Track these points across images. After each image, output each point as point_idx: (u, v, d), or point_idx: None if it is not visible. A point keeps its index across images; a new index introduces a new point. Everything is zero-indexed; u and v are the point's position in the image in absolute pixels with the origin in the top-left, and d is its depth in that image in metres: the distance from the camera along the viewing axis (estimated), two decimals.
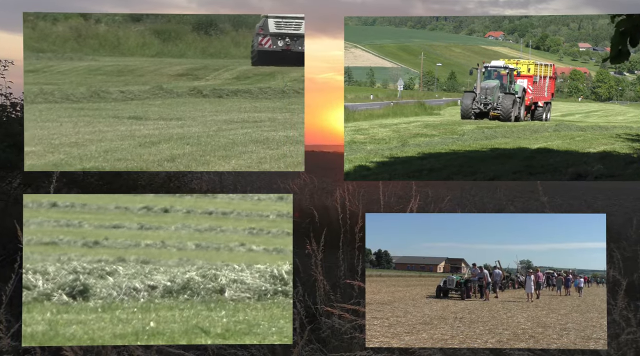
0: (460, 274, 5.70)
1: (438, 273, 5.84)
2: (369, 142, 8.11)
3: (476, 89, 12.53)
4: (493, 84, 12.72)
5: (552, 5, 72.57)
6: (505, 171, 7.05)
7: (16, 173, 9.62)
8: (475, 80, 13.14)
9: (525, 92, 12.72)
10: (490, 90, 12.51)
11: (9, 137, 9.31)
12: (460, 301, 5.69)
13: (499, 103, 12.31)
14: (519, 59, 13.31)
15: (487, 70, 13.45)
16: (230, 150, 6.57)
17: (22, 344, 4.60)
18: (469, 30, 17.08)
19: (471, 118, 12.02)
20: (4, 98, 10.24)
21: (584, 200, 18.42)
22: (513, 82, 12.92)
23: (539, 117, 12.68)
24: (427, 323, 5.02)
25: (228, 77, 10.61)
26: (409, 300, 5.75)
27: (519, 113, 12.46)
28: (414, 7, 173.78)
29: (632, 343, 4.87)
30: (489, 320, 5.10)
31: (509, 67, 13.10)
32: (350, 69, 14.48)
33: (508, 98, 12.32)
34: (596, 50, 14.98)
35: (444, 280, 5.84)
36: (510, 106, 12.21)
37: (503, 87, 12.87)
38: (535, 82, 12.93)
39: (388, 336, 4.74)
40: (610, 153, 7.74)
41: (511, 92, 12.59)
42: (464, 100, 12.50)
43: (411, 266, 5.91)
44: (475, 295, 5.68)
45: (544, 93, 12.97)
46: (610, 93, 13.40)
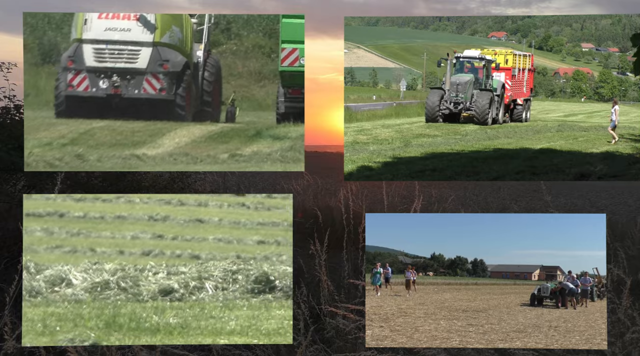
0: (555, 282, 5.53)
1: (533, 281, 5.73)
2: (372, 143, 8.10)
3: (445, 85, 10.93)
4: (466, 78, 11.05)
5: (555, 4, 72.52)
6: (508, 171, 7.05)
7: (20, 175, 9.64)
8: (444, 73, 11.53)
9: (504, 88, 11.15)
10: (463, 86, 10.82)
11: (13, 139, 9.33)
12: (555, 309, 5.54)
13: (473, 102, 10.59)
14: (496, 49, 11.89)
15: (458, 61, 11.73)
16: None
17: (22, 344, 4.62)
18: (472, 30, 17.08)
19: (438, 120, 10.36)
20: (7, 101, 10.27)
21: (588, 200, 18.40)
22: (490, 77, 11.31)
23: (518, 117, 11.22)
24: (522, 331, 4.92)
25: None
26: (504, 308, 5.66)
27: (497, 113, 10.73)
28: (416, 6, 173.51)
29: (637, 341, 4.86)
30: (586, 330, 4.94)
31: (485, 58, 11.40)
32: (353, 70, 14.48)
33: (484, 96, 10.56)
34: (599, 50, 14.95)
35: (538, 287, 5.69)
36: (487, 105, 10.41)
37: (478, 82, 11.21)
38: (514, 76, 11.48)
39: (483, 343, 4.69)
40: (613, 154, 7.73)
41: (488, 89, 11.00)
42: (429, 98, 10.66)
43: (506, 274, 5.88)
44: (572, 303, 5.47)
45: (522, 89, 11.59)
46: (613, 93, 13.28)
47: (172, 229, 7.60)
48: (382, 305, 5.16)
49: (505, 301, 5.88)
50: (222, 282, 5.38)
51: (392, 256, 5.37)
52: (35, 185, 9.76)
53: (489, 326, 5.01)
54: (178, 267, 5.65)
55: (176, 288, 5.30)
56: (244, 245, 7.24)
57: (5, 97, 10.29)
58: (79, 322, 4.79)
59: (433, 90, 10.89)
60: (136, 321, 4.81)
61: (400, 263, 5.38)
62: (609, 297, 5.17)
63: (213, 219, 8.09)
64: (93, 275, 5.43)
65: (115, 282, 5.34)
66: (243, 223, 8.04)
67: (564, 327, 5.02)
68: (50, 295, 5.16)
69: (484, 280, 5.60)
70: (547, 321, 5.20)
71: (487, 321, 5.10)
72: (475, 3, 71.50)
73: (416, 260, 5.45)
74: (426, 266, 5.49)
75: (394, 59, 16.70)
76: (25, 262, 5.00)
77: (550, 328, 4.99)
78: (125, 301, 5.15)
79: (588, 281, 5.34)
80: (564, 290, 5.47)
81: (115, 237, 7.25)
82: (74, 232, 7.36)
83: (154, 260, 6.34)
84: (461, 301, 5.67)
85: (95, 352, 4.92)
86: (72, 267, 5.51)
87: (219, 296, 5.27)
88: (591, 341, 4.69)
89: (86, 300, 5.15)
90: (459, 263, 5.25)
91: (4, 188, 9.74)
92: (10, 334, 4.74)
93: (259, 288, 5.30)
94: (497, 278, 5.78)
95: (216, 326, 4.76)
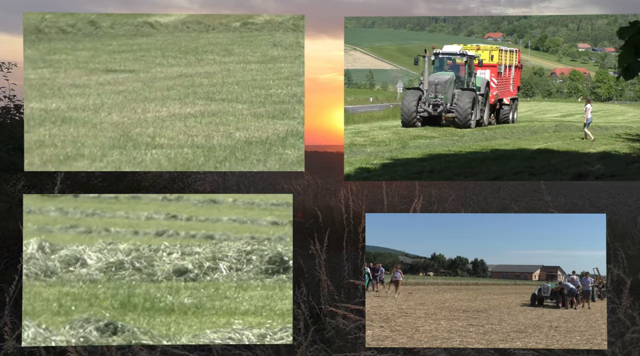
0: (555, 282, 5.54)
1: (533, 281, 5.72)
2: (369, 144, 8.09)
3: (423, 85, 9.99)
4: (445, 77, 10.07)
5: (555, 4, 72.71)
6: (506, 172, 7.07)
7: (20, 175, 9.64)
8: (422, 72, 10.46)
9: (489, 86, 10.19)
10: (442, 86, 9.81)
11: (13, 139, 9.34)
12: (555, 309, 5.53)
13: (454, 103, 9.55)
14: (479, 44, 10.74)
15: (437, 58, 10.80)
16: None
17: (22, 344, 4.63)
18: (468, 31, 17.09)
19: (416, 124, 9.32)
20: (7, 101, 10.28)
21: (588, 199, 18.45)
22: (473, 74, 10.31)
23: (505, 118, 10.30)
24: (522, 331, 4.94)
25: None
26: (504, 308, 5.67)
27: (481, 115, 9.74)
28: (416, 6, 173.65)
29: (637, 341, 4.89)
30: (587, 330, 4.96)
31: (467, 54, 10.41)
32: (349, 71, 14.47)
33: (466, 96, 9.52)
34: (595, 50, 14.98)
35: (539, 288, 5.70)
36: (470, 106, 9.41)
37: (460, 80, 10.21)
38: (499, 74, 10.50)
39: (483, 343, 4.71)
40: (610, 153, 7.76)
41: (470, 88, 10.01)
42: (405, 100, 9.62)
43: (506, 274, 5.89)
44: (573, 303, 5.46)
45: (509, 88, 10.68)
46: (610, 93, 13.29)
47: (187, 209, 7.52)
48: (382, 305, 5.17)
49: (506, 301, 5.88)
50: (236, 263, 5.37)
51: (393, 256, 5.39)
52: (35, 185, 9.76)
53: (489, 326, 5.03)
54: (192, 248, 5.62)
55: (190, 269, 5.29)
56: (257, 225, 7.21)
57: (5, 97, 10.31)
58: (94, 302, 4.81)
59: (409, 90, 9.82)
60: (151, 301, 4.84)
61: (401, 263, 5.40)
62: (609, 297, 5.20)
63: (227, 200, 8.04)
64: (107, 255, 5.42)
65: (129, 262, 5.34)
66: (257, 204, 7.95)
67: (564, 327, 5.05)
68: (65, 275, 5.16)
69: (485, 280, 5.62)
70: (548, 322, 5.21)
71: (488, 322, 5.12)
72: (475, 3, 71.14)
73: (417, 260, 5.47)
74: (426, 266, 5.51)
75: (391, 61, 16.70)
76: (40, 242, 5.02)
77: (550, 328, 5.01)
78: (140, 282, 5.16)
79: (589, 281, 5.36)
80: (564, 290, 5.48)
81: (130, 217, 7.26)
82: (89, 212, 7.32)
83: (168, 240, 6.32)
84: (461, 302, 5.69)
85: (95, 352, 4.93)
86: (86, 247, 5.50)
87: (233, 276, 5.26)
88: (591, 341, 4.72)
89: (101, 280, 5.16)
90: (459, 263, 5.26)
91: (4, 188, 9.74)
92: (10, 334, 4.75)
93: (273, 268, 5.29)
94: (497, 278, 5.79)
95: (230, 307, 4.79)
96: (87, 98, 6.68)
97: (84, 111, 6.29)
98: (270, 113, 6.21)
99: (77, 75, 7.29)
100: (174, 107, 6.55)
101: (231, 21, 7.01)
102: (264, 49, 7.93)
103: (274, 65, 7.60)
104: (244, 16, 7.18)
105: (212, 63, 7.87)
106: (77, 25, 6.81)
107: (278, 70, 7.42)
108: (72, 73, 7.28)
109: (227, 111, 6.38)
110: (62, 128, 5.81)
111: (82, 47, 7.80)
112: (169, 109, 6.50)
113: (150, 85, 7.15)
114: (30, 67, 5.83)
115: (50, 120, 6.04)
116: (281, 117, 6.05)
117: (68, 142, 5.57)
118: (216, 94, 6.91)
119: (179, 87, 7.17)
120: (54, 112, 6.25)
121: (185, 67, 7.88)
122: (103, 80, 7.32)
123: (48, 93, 6.65)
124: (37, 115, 6.01)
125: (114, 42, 8.00)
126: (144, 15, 7.32)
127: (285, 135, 5.62)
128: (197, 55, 8.10)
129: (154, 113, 6.28)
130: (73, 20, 6.88)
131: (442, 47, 10.80)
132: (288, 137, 5.57)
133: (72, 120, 6.01)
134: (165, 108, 6.50)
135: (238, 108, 6.46)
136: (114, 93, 6.85)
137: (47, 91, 6.71)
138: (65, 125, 5.87)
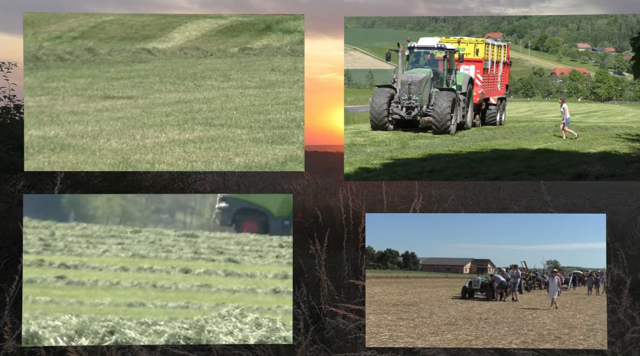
0: (485, 275, 5.64)
1: (464, 274, 5.79)
2: (369, 144, 8.08)
3: (396, 83, 8.85)
4: (421, 75, 8.77)
5: (554, 4, 72.71)
6: (505, 172, 7.07)
7: (20, 175, 9.64)
8: (395, 68, 9.26)
9: (472, 84, 8.95)
10: (416, 86, 8.52)
11: (13, 139, 9.33)
12: (485, 302, 5.65)
13: (432, 105, 8.29)
14: (462, 37, 9.50)
15: (413, 53, 9.41)
16: None
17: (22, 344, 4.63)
18: (468, 31, 17.08)
19: (388, 128, 8.30)
20: (7, 101, 10.27)
21: (588, 199, 18.46)
22: (453, 71, 8.95)
23: (492, 119, 9.20)
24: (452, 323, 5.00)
25: None
26: (435, 301, 5.74)
27: (463, 117, 8.49)
28: (416, 6, 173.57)
29: (637, 341, 4.89)
30: (514, 321, 5.06)
31: (446, 48, 8.99)
32: (349, 72, 14.47)
33: (444, 97, 8.23)
34: (595, 50, 14.98)
35: (470, 281, 5.79)
36: (449, 109, 8.12)
37: (438, 78, 8.89)
38: (486, 70, 9.27)
39: (413, 336, 4.74)
40: (610, 153, 7.76)
41: (450, 88, 8.72)
42: (374, 99, 8.51)
43: (438, 267, 5.91)
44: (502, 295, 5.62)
45: (496, 86, 9.57)
46: (610, 93, 13.29)
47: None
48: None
49: (437, 294, 5.98)
50: None
51: None
52: (35, 185, 9.75)
53: (420, 319, 5.09)
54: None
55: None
56: None
57: (5, 97, 10.30)
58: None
59: (380, 88, 8.62)
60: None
61: None
62: (609, 297, 5.20)
63: None
64: None
65: None
66: None
67: (493, 319, 5.14)
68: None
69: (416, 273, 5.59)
70: (478, 314, 5.32)
71: (419, 315, 5.19)
72: (475, 3, 70.89)
73: None
74: None
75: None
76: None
77: (480, 320, 5.09)
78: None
79: (516, 274, 5.54)
80: (495, 282, 5.65)
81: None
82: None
83: None
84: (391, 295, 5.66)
85: (95, 352, 4.93)
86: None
87: None
88: (591, 341, 4.73)
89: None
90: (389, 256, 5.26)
91: (4, 188, 9.74)
92: (10, 334, 4.75)
93: None
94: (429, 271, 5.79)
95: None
96: (85, 125, 6.70)
97: (82, 138, 6.31)
98: (270, 139, 6.21)
99: (75, 102, 7.32)
100: (172, 132, 6.56)
101: (229, 47, 7.00)
102: (262, 74, 7.93)
103: (272, 90, 7.61)
104: (242, 41, 7.16)
105: (211, 88, 7.86)
106: (75, 53, 6.84)
107: (276, 95, 7.42)
108: (71, 100, 7.30)
109: (226, 136, 6.38)
110: (61, 155, 5.83)
111: (80, 74, 7.84)
112: (167, 135, 6.51)
113: (148, 111, 7.16)
114: (29, 94, 5.85)
115: (49, 147, 6.04)
116: (280, 142, 6.06)
117: (67, 169, 5.61)
118: (215, 120, 6.92)
119: (177, 112, 7.18)
120: (52, 139, 6.25)
121: (184, 92, 7.88)
122: (101, 106, 7.34)
123: (46, 121, 6.69)
124: (35, 143, 6.03)
125: (112, 68, 8.05)
126: (142, 42, 7.31)
127: (284, 160, 5.63)
128: (196, 81, 8.10)
129: (153, 139, 6.30)
130: (71, 47, 6.88)
131: (418, 40, 9.58)
132: (287, 162, 5.58)
133: (71, 147, 6.03)
134: (164, 134, 6.51)
135: (237, 134, 6.45)
136: (112, 119, 6.87)
137: (46, 118, 6.76)
138: (64, 152, 5.89)
